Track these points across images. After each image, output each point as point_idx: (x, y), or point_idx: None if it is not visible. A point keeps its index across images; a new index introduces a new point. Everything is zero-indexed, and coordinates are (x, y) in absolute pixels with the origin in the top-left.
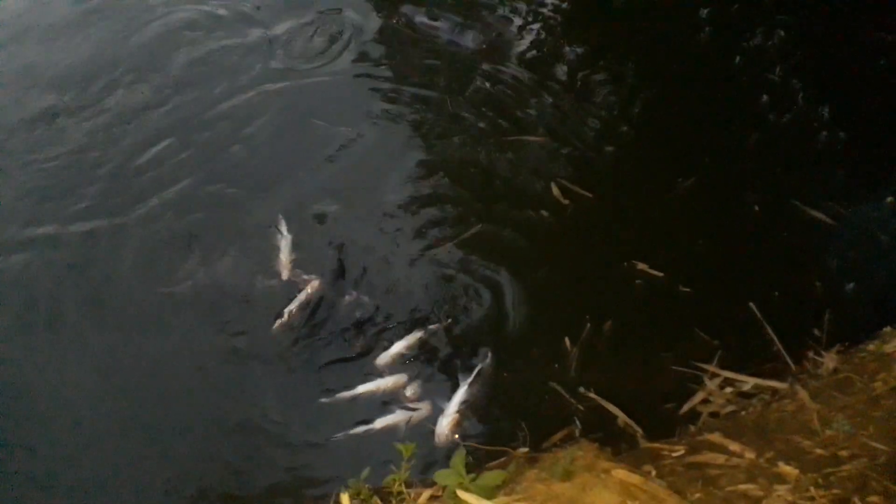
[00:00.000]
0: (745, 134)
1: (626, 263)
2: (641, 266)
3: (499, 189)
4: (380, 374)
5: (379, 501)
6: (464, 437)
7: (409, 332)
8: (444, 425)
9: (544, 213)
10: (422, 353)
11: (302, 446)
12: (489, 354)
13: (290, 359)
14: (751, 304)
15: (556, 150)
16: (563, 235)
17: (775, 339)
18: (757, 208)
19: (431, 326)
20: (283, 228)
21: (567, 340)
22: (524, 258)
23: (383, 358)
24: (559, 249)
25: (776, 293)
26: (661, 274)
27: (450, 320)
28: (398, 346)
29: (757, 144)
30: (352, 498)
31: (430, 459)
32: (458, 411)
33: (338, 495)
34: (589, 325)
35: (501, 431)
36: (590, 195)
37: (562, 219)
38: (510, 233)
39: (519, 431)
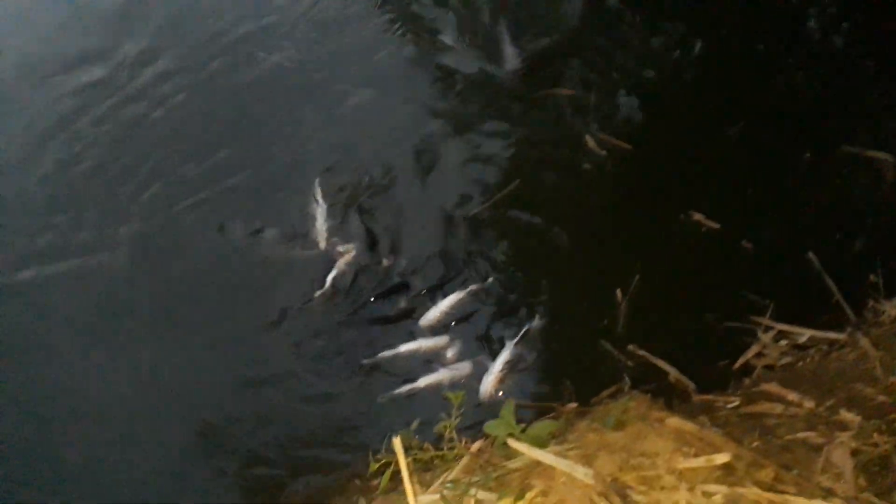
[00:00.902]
0: (793, 78)
1: (682, 215)
2: (698, 216)
3: (534, 144)
4: (423, 334)
5: (430, 447)
6: (511, 396)
7: (452, 292)
8: (488, 382)
9: (586, 165)
10: (467, 312)
11: (349, 409)
12: (536, 315)
13: (332, 327)
14: (810, 253)
15: (588, 102)
16: (606, 188)
17: (834, 289)
18: (808, 154)
19: (474, 286)
20: (319, 196)
21: (618, 293)
22: (565, 213)
23: (427, 318)
24: (602, 202)
25: (831, 243)
26: (717, 225)
27: (492, 279)
28: (442, 306)
29: (807, 89)
30: (404, 444)
31: (473, 421)
32: (502, 370)
33: (390, 441)
34: (638, 278)
35: (549, 389)
36: (628, 146)
37: (603, 171)
38: (550, 187)
39: (567, 389)
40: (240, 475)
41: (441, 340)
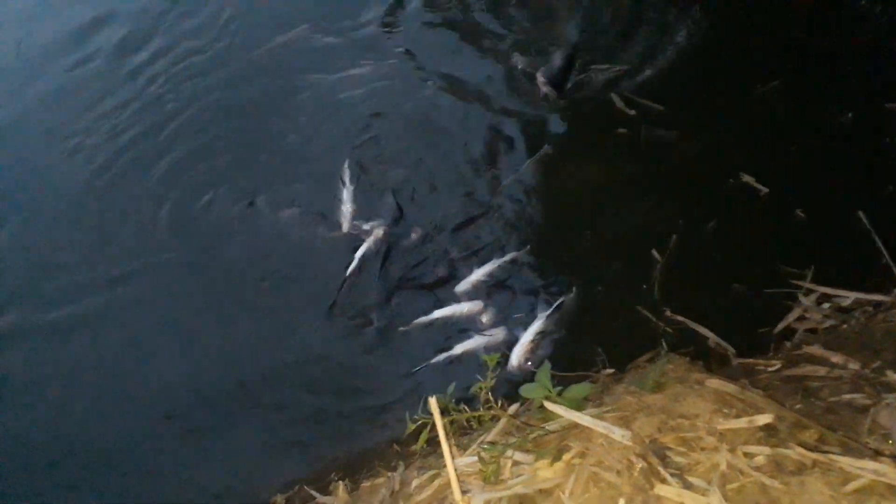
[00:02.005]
0: (830, 37)
1: (731, 179)
2: (747, 178)
3: (563, 109)
4: (459, 301)
5: (467, 409)
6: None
7: (487, 261)
8: (518, 353)
9: (620, 129)
10: (503, 279)
11: (386, 378)
12: (572, 285)
13: (368, 300)
14: (860, 213)
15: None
16: (639, 151)
17: (883, 248)
18: (850, 114)
19: (511, 254)
20: (347, 178)
21: (656, 255)
22: (598, 176)
23: (463, 285)
24: (636, 164)
25: (878, 203)
26: (765, 189)
27: (529, 247)
28: (477, 274)
29: (846, 48)
30: (440, 407)
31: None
32: (532, 340)
33: (426, 401)
34: (676, 239)
35: (584, 358)
36: (660, 107)
37: (636, 133)
38: (581, 151)
39: (602, 356)
40: (280, 444)
41: (476, 306)
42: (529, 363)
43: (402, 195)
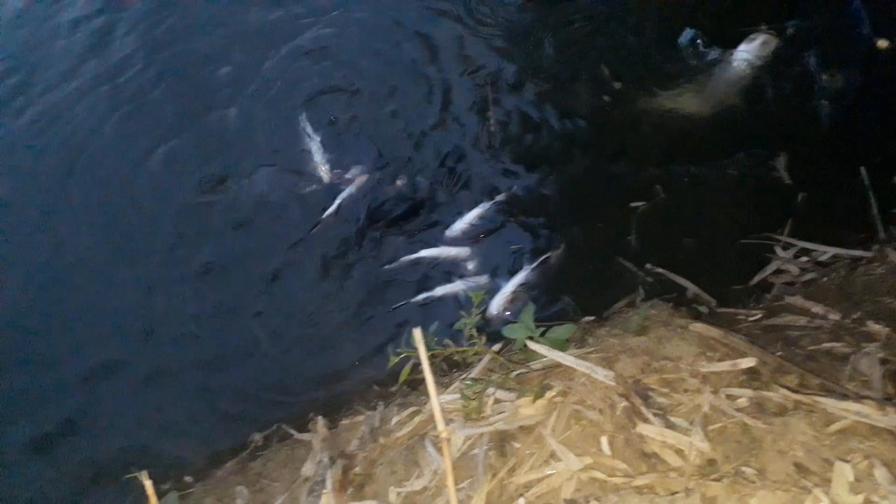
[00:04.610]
0: None
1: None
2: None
3: (545, 64)
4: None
5: (451, 342)
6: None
7: (475, 207)
8: (498, 302)
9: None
10: (492, 227)
11: (366, 318)
12: (559, 240)
13: (351, 244)
14: (861, 168)
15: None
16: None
17: (874, 203)
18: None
19: (500, 196)
20: (309, 129)
21: (636, 205)
22: (586, 129)
23: (452, 230)
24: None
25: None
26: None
27: (516, 188)
28: (467, 218)
29: None
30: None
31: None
32: (514, 291)
33: (408, 335)
34: (659, 189)
35: (565, 308)
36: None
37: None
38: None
39: (582, 304)
40: (257, 386)
41: (463, 251)
42: (508, 313)
43: (378, 138)
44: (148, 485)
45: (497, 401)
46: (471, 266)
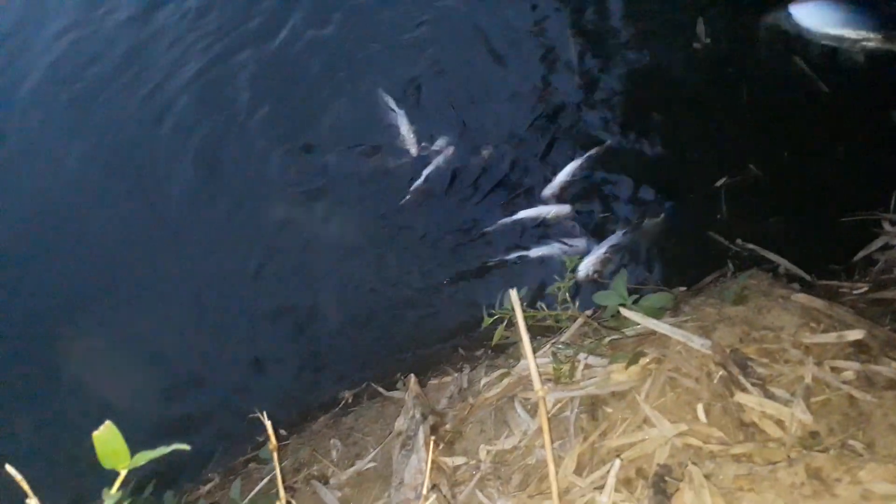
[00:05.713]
0: None
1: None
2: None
3: (639, 27)
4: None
5: (544, 306)
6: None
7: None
8: (587, 263)
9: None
10: (586, 189)
11: (460, 281)
12: (654, 210)
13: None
14: None
15: None
16: (719, 73)
17: None
18: None
19: (593, 150)
20: (392, 104)
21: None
22: (679, 96)
23: (549, 189)
24: (715, 89)
25: None
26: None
27: (610, 140)
28: (561, 176)
29: None
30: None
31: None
32: (605, 253)
33: (503, 296)
34: (751, 168)
35: (657, 276)
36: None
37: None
38: (660, 70)
39: (671, 275)
40: (349, 347)
41: (563, 209)
42: (597, 275)
43: (462, 109)
44: (268, 424)
45: (588, 366)
46: (571, 226)
